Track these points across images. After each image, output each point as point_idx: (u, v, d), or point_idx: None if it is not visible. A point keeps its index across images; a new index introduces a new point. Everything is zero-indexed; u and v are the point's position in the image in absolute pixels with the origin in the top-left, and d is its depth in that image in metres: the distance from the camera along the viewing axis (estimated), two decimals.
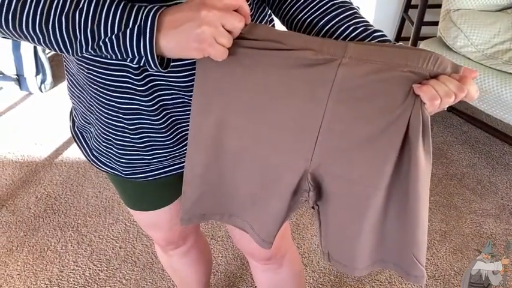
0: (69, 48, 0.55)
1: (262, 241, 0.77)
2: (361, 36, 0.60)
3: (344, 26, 0.61)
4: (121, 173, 0.78)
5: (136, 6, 0.53)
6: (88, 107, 0.72)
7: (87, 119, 0.76)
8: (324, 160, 0.65)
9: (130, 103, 0.66)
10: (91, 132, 0.78)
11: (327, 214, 0.72)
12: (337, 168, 0.65)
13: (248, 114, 0.64)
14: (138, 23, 0.53)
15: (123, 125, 0.68)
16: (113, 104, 0.66)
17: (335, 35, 0.62)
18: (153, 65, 0.55)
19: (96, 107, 0.69)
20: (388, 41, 0.61)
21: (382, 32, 0.62)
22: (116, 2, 0.53)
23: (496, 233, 1.67)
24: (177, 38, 0.53)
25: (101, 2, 0.53)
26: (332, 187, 0.68)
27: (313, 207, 0.72)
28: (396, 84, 0.57)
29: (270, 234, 0.75)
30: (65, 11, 0.52)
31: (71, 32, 0.53)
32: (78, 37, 0.54)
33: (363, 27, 0.61)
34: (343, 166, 0.64)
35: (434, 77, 0.55)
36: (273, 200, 0.71)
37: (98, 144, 0.77)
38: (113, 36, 0.53)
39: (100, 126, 0.72)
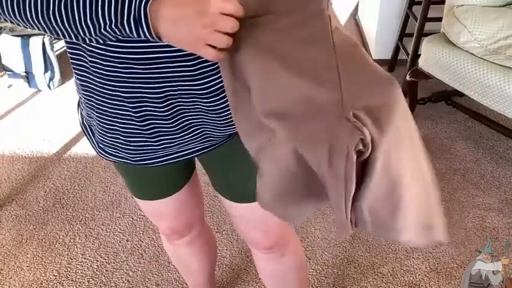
0: (74, 37, 0.58)
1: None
2: None
3: None
4: (130, 160, 0.80)
5: None
6: (93, 102, 0.74)
7: (89, 114, 0.78)
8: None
9: (135, 91, 0.68)
10: (93, 126, 0.80)
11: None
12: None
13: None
14: (132, 14, 0.55)
15: (129, 113, 0.71)
16: (118, 93, 0.68)
17: None
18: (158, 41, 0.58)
19: (101, 100, 0.72)
20: None
21: None
22: None
23: (498, 227, 1.68)
24: (176, 34, 0.56)
25: None
26: None
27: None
28: None
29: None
30: (63, 1, 0.55)
31: (71, 22, 0.56)
32: (79, 27, 0.56)
33: None
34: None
35: None
36: None
37: (102, 137, 0.79)
38: (113, 25, 0.56)
39: (105, 117, 0.74)
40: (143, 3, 0.54)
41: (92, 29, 0.57)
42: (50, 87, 2.68)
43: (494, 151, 2.03)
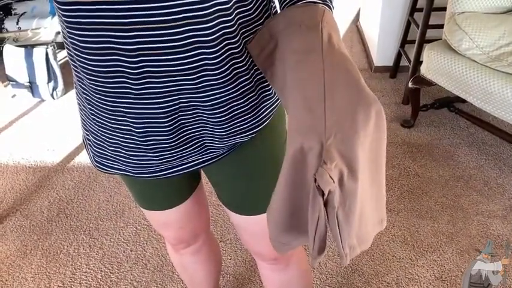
0: None
1: None
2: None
3: None
4: (131, 173, 0.81)
5: None
6: (90, 114, 0.74)
7: (86, 127, 0.79)
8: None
9: (138, 107, 0.68)
10: (89, 140, 0.80)
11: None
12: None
13: None
14: None
15: (130, 128, 0.71)
16: (120, 109, 0.69)
17: None
18: None
19: (101, 114, 0.72)
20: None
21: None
22: None
23: (503, 234, 1.67)
24: None
25: None
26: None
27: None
28: None
29: None
30: None
31: None
32: None
33: None
34: None
35: None
36: None
37: (102, 150, 0.79)
38: None
39: (107, 130, 0.74)
40: None
41: None
42: (53, 97, 2.69)
43: (498, 157, 2.03)
